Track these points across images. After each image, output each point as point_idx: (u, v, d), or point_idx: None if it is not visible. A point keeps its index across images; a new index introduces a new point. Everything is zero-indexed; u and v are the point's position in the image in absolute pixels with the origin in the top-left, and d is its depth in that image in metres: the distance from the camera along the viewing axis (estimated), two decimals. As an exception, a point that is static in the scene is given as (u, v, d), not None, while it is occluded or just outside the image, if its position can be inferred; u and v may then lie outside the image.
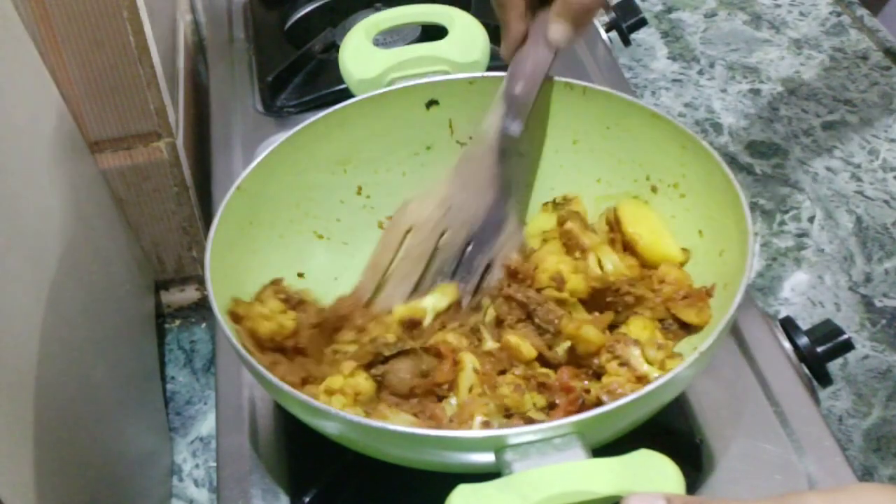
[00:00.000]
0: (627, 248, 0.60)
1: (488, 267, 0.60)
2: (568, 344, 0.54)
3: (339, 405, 0.51)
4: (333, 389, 0.51)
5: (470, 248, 0.60)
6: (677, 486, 0.40)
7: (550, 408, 0.51)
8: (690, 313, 0.55)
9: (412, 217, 0.61)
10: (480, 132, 0.60)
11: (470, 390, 0.51)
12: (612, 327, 0.57)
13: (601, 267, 0.57)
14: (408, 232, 0.61)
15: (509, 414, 0.50)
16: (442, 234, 0.60)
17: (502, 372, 0.53)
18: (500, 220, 0.60)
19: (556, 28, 0.57)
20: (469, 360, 0.52)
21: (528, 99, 0.59)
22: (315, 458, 0.54)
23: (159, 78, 0.71)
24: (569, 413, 0.49)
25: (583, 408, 0.50)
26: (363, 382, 0.52)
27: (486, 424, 0.49)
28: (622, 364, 0.51)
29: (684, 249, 0.59)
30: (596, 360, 0.52)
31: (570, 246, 0.59)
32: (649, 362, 0.51)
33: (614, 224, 0.61)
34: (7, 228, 0.52)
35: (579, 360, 0.53)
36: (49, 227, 0.60)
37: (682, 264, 0.58)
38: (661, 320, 0.56)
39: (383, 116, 0.64)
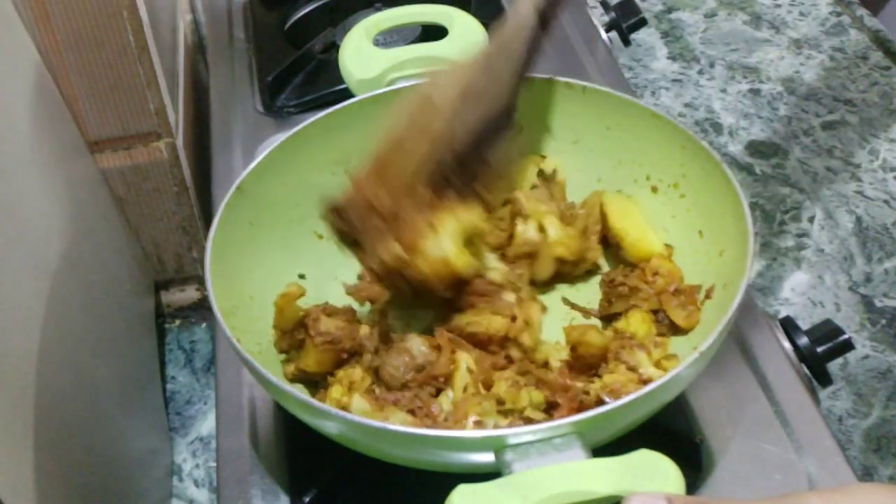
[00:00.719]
0: (612, 243, 0.61)
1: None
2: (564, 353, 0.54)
3: (337, 394, 0.52)
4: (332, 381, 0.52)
5: (472, 142, 0.56)
6: (677, 486, 0.40)
7: (550, 407, 0.51)
8: (680, 315, 0.55)
9: (435, 90, 0.57)
10: (513, 21, 0.57)
11: (465, 389, 0.51)
12: (609, 319, 0.57)
13: (545, 233, 0.59)
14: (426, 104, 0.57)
15: (505, 411, 0.50)
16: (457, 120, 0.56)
17: (502, 368, 0.53)
18: (505, 125, 0.57)
19: None
20: (464, 359, 0.52)
21: None
22: (315, 458, 0.54)
23: (159, 78, 0.71)
24: (571, 412, 0.49)
25: (582, 407, 0.50)
26: (357, 373, 0.53)
27: (478, 424, 0.49)
28: (630, 369, 0.52)
29: (668, 246, 0.59)
30: (602, 366, 0.53)
31: (514, 211, 0.60)
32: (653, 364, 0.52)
33: (600, 218, 0.62)
34: (7, 228, 0.52)
35: (584, 366, 0.53)
36: (49, 227, 0.60)
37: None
38: (654, 311, 0.56)
39: (383, 116, 0.64)
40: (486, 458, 0.43)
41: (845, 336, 0.60)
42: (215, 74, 0.87)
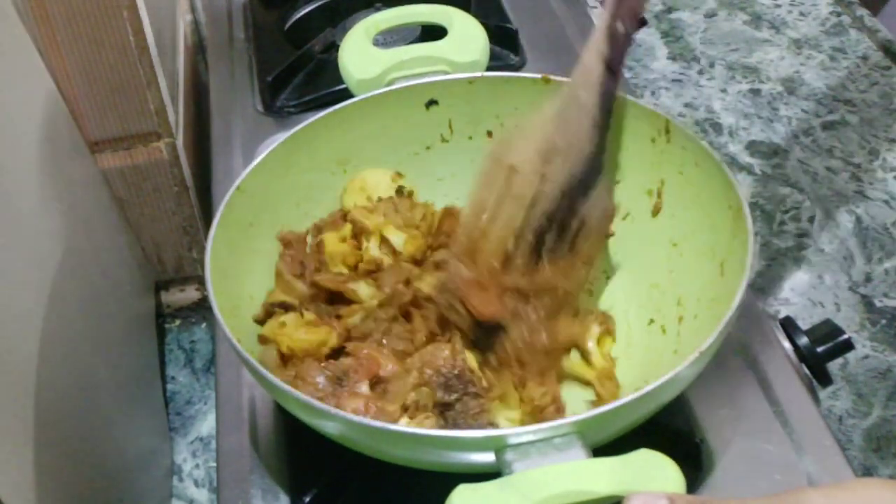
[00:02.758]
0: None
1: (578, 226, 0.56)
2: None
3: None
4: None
5: (565, 201, 0.55)
6: (678, 485, 0.40)
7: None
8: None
9: (514, 156, 0.55)
10: (580, 73, 0.55)
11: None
12: None
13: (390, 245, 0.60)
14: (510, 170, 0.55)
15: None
16: (541, 180, 0.55)
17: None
18: (594, 176, 0.56)
19: None
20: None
21: (631, 37, 0.54)
22: (315, 458, 0.54)
23: (159, 78, 0.71)
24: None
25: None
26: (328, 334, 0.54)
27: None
28: None
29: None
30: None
31: (357, 231, 0.61)
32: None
33: None
34: (7, 228, 0.52)
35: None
36: (49, 227, 0.60)
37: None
38: None
39: (383, 116, 0.64)
40: (487, 457, 0.43)
41: (845, 336, 0.60)
42: (215, 74, 0.87)
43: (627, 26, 0.53)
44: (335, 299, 0.58)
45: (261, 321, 0.57)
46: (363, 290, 0.58)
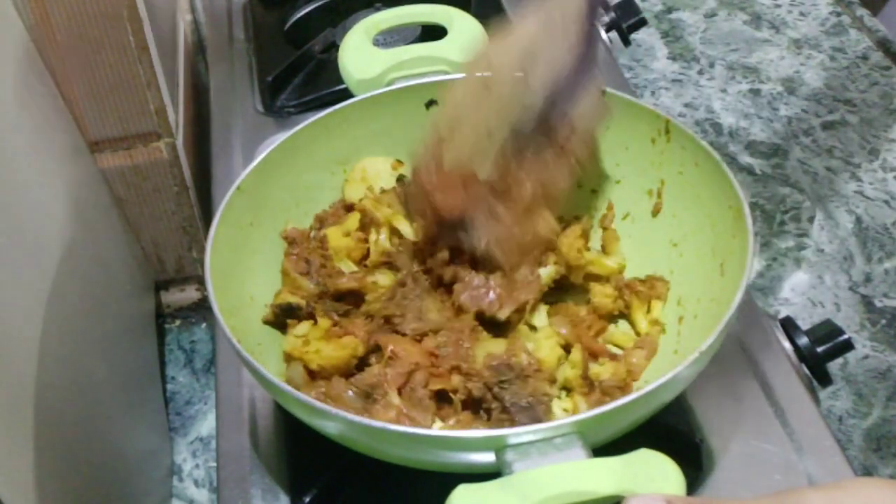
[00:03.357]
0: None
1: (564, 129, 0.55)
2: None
3: None
4: None
5: (551, 104, 0.54)
6: (678, 485, 0.40)
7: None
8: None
9: (490, 58, 0.54)
10: None
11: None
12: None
13: (399, 236, 0.60)
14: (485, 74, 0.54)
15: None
16: (522, 83, 0.54)
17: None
18: (583, 79, 0.54)
19: None
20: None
21: None
22: (315, 458, 0.54)
23: (159, 78, 0.71)
24: None
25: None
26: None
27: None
28: None
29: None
30: None
31: (364, 222, 0.61)
32: None
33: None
34: (7, 228, 0.52)
35: None
36: (49, 227, 0.60)
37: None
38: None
39: (383, 116, 0.64)
40: (487, 458, 0.43)
41: (845, 336, 0.60)
42: (215, 74, 0.87)
43: None
44: (343, 296, 0.58)
45: (270, 322, 0.57)
46: (382, 280, 0.58)
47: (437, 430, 0.51)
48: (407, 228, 0.60)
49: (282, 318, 0.57)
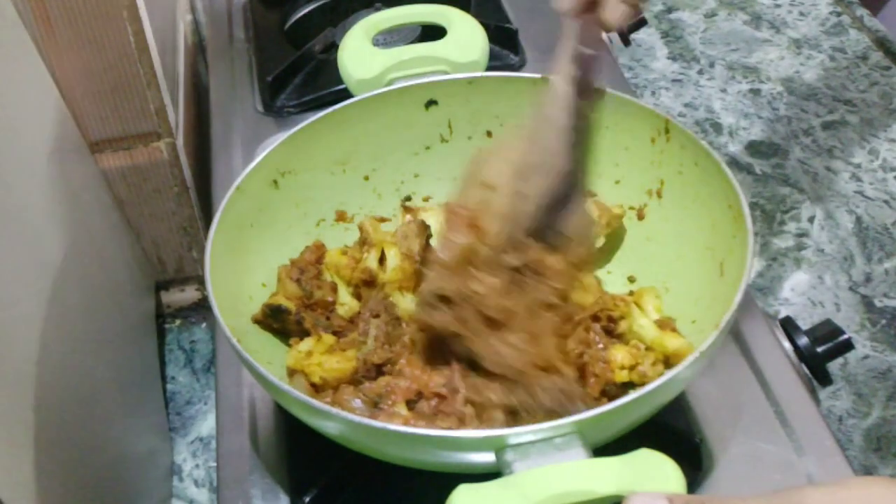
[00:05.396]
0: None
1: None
2: None
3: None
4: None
5: (543, 216, 0.55)
6: (678, 485, 0.40)
7: None
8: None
9: (490, 175, 0.56)
10: (551, 95, 0.55)
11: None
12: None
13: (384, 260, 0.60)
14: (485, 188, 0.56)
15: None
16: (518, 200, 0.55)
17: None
18: (573, 191, 0.56)
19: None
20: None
21: (598, 58, 0.54)
22: (315, 458, 0.54)
23: (159, 78, 0.71)
24: None
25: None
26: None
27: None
28: None
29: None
30: None
31: (362, 240, 0.61)
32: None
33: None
34: (7, 228, 0.52)
35: None
36: (49, 227, 0.60)
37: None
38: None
39: (383, 116, 0.64)
40: (487, 458, 0.43)
41: (845, 336, 0.60)
42: (215, 74, 0.87)
43: (593, 48, 0.53)
44: (317, 306, 0.59)
45: (258, 321, 0.57)
46: (347, 301, 0.59)
47: (438, 430, 0.51)
48: (392, 262, 0.59)
49: (269, 318, 0.57)
